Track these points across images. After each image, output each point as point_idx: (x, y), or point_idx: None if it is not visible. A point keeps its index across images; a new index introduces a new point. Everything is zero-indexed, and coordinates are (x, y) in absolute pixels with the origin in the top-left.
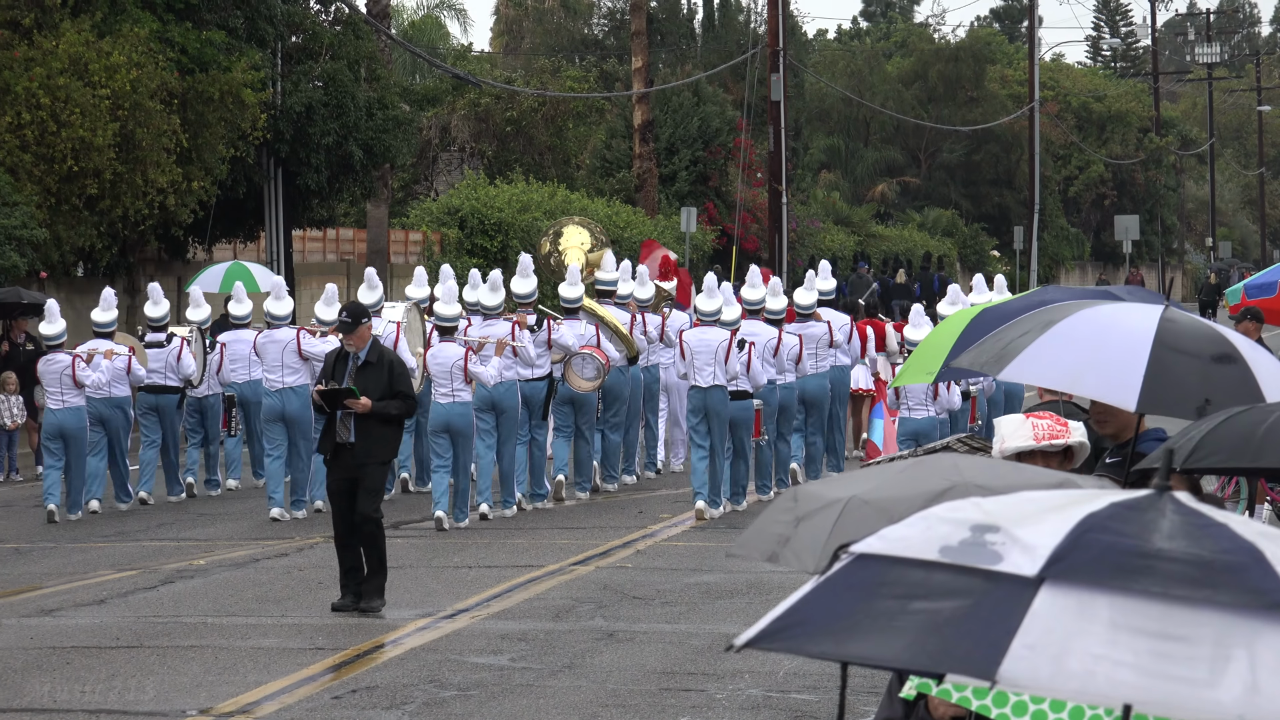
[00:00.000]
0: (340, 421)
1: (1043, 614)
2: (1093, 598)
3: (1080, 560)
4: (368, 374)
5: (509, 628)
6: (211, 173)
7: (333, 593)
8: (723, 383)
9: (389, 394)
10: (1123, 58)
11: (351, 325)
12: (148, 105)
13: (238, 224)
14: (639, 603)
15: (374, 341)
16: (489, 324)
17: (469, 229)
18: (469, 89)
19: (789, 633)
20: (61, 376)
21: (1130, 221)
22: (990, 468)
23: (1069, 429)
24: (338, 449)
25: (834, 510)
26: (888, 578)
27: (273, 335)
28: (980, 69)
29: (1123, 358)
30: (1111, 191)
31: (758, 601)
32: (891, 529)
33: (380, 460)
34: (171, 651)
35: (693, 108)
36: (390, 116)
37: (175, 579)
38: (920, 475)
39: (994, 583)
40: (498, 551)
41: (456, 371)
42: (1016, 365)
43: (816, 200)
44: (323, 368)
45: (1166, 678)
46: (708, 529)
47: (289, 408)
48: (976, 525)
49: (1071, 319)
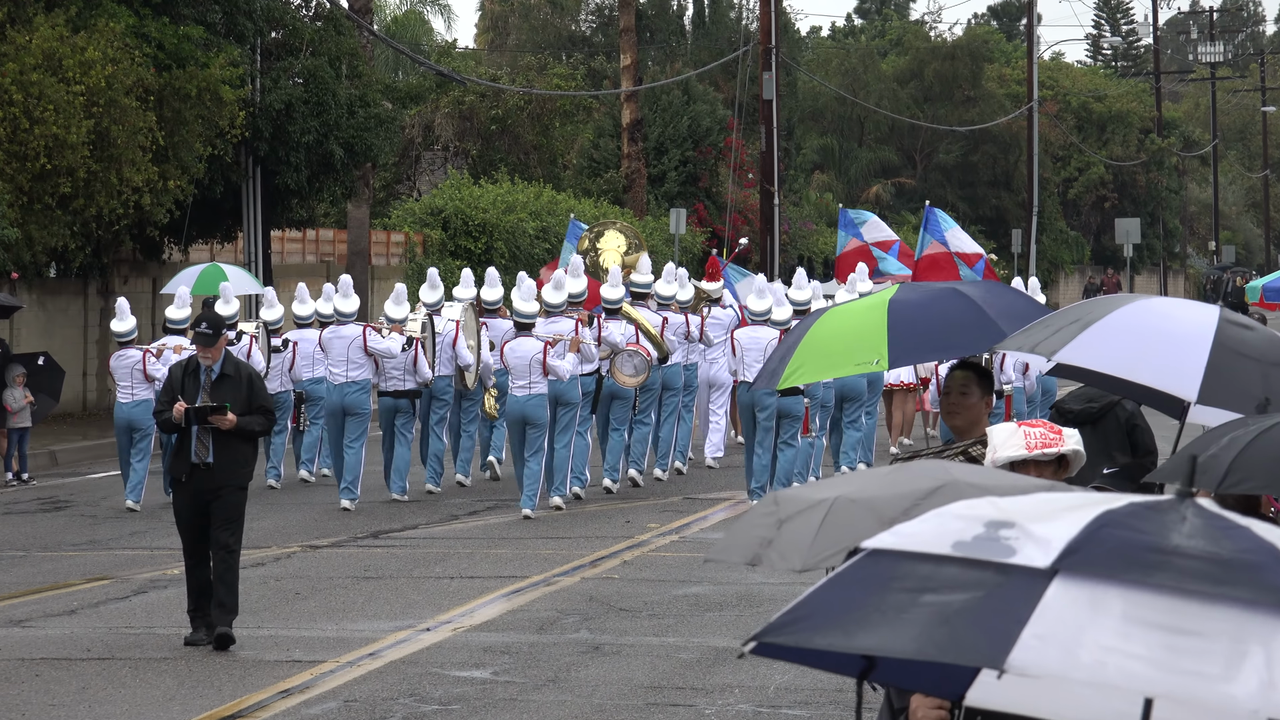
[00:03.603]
0: (198, 439)
1: (1054, 605)
2: (1106, 590)
3: (1095, 553)
4: (224, 388)
5: (492, 640)
6: (188, 171)
7: (311, 603)
8: None
9: (248, 409)
10: (1124, 57)
11: (212, 337)
12: (123, 102)
13: (215, 224)
14: (626, 615)
15: (227, 353)
16: (553, 321)
17: (452, 230)
18: (453, 86)
19: (797, 626)
20: (133, 371)
21: (1131, 225)
22: (980, 471)
23: (1062, 437)
24: (193, 470)
25: (820, 510)
26: (899, 572)
27: (339, 331)
28: (977, 68)
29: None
30: (1112, 194)
31: (748, 614)
32: (904, 525)
33: (239, 483)
34: (144, 664)
35: (682, 106)
36: (372, 114)
37: (148, 589)
38: (907, 476)
39: (1006, 575)
40: (480, 562)
41: (535, 365)
42: (1073, 348)
43: (809, 201)
44: (167, 382)
45: (1179, 671)
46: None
47: (347, 399)
48: (991, 521)
49: (1127, 309)
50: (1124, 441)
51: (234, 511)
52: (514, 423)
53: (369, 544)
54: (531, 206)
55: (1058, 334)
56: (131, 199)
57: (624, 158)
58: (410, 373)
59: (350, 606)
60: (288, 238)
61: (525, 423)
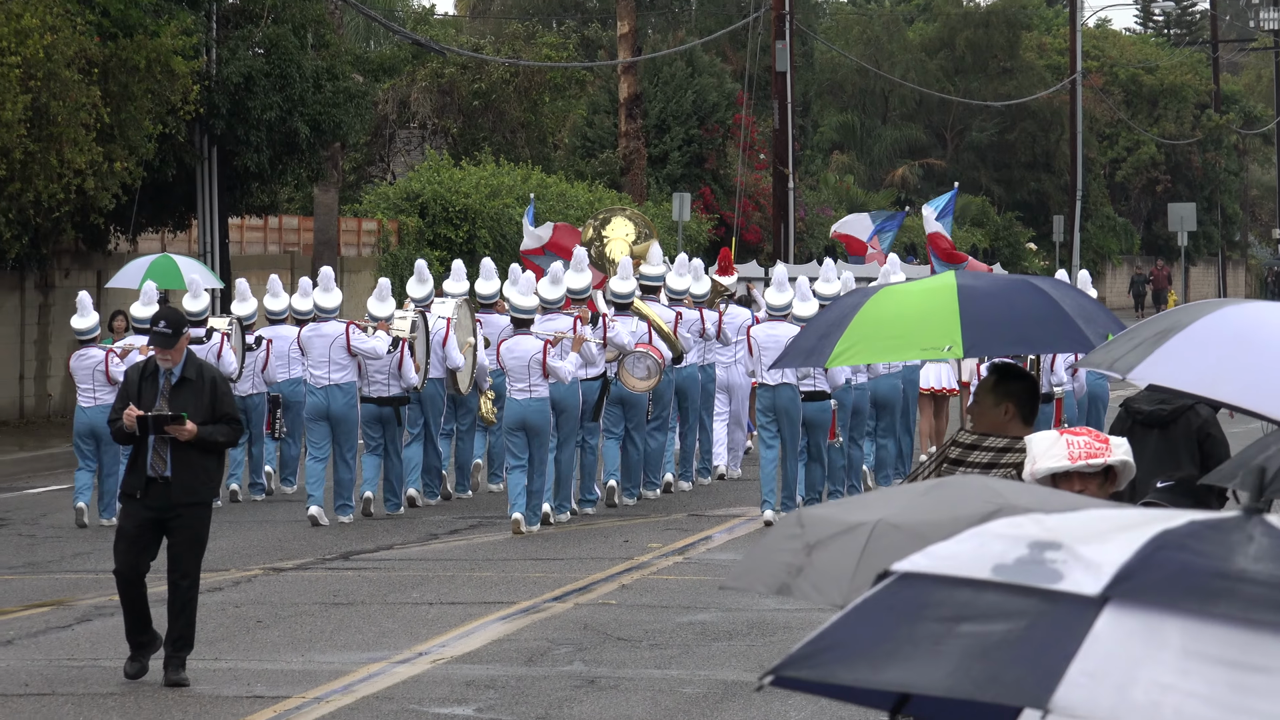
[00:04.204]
0: (154, 451)
1: (1105, 638)
2: (1163, 621)
3: (1150, 579)
4: (185, 393)
5: (475, 673)
6: (136, 152)
7: (275, 632)
8: (792, 381)
9: (212, 417)
10: (1177, 24)
11: (171, 337)
12: (64, 75)
13: (166, 211)
14: (624, 645)
15: (189, 355)
16: (549, 318)
17: (431, 217)
18: (431, 57)
19: (820, 658)
20: (94, 372)
21: (1186, 210)
22: (1034, 493)
23: (1109, 446)
24: (148, 485)
25: (857, 536)
26: (933, 598)
27: (319, 329)
28: (1015, 36)
29: (1271, 363)
30: (1164, 176)
31: (760, 643)
32: (939, 546)
33: (202, 500)
34: (88, 700)
35: (686, 79)
36: (341, 89)
37: (93, 616)
38: (954, 497)
39: (1051, 603)
40: (462, 586)
41: (534, 366)
42: (1149, 365)
43: (828, 185)
44: (122, 386)
45: (1245, 712)
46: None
47: (334, 406)
48: (1036, 542)
49: (1212, 317)
50: (1194, 451)
51: (196, 533)
52: (513, 429)
53: (338, 566)
54: (518, 191)
55: (1137, 348)
56: (73, 183)
57: (621, 136)
58: (394, 377)
59: (318, 636)
60: (247, 226)
61: (526, 429)
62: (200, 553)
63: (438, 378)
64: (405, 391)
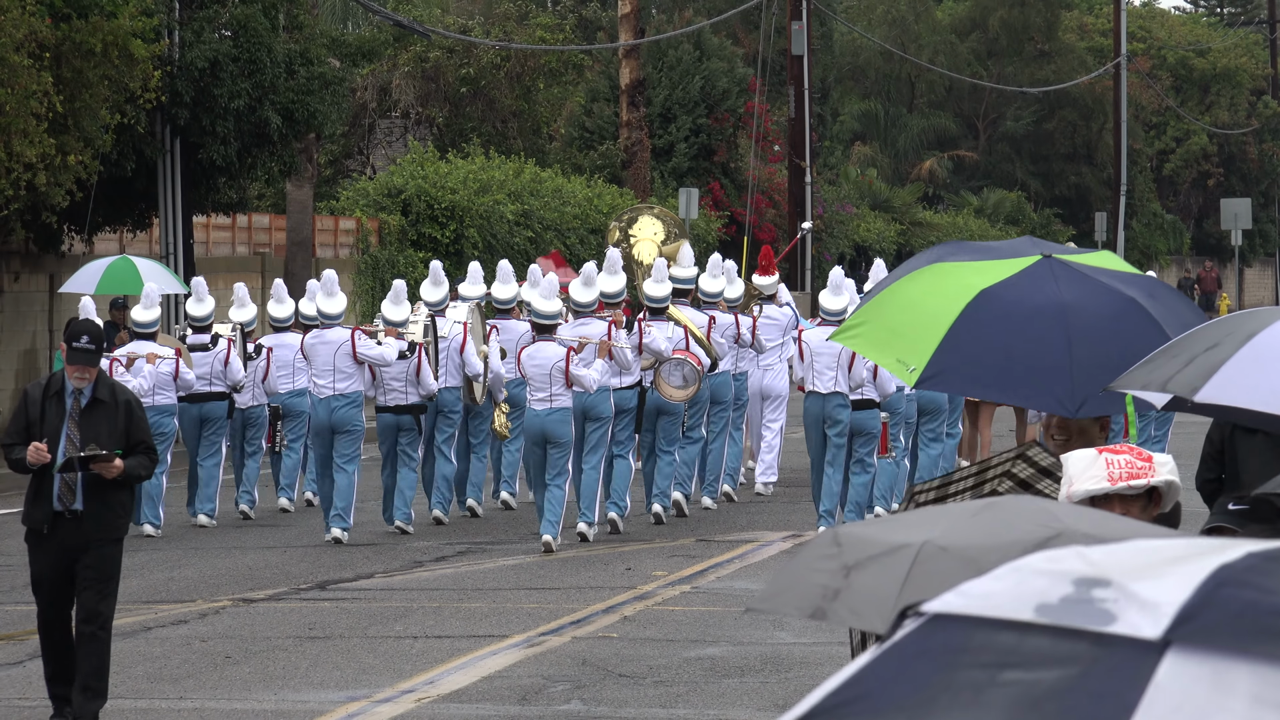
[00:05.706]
0: (63, 483)
1: (1169, 686)
2: (1231, 666)
3: (1215, 620)
4: (97, 417)
5: (464, 713)
6: (92, 144)
7: (245, 669)
8: (844, 389)
9: (126, 444)
10: (1232, 2)
11: (94, 354)
12: (11, 59)
13: (125, 209)
14: (626, 682)
15: (100, 375)
16: (582, 323)
17: (414, 215)
18: (414, 40)
19: (850, 709)
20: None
21: (1240, 206)
22: (1089, 516)
23: (1152, 465)
24: (56, 519)
25: (901, 559)
26: (972, 643)
27: (323, 336)
28: (1053, 16)
29: None
30: (1217, 169)
31: (774, 680)
32: (973, 584)
33: (114, 537)
34: None
35: (694, 64)
36: (316, 74)
37: None
38: (1007, 520)
39: (1106, 648)
40: (449, 618)
41: (557, 374)
42: (1213, 386)
43: (848, 179)
44: (20, 405)
45: None
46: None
47: (335, 415)
48: (1081, 579)
49: (1276, 327)
50: None
51: (106, 571)
52: (533, 441)
53: (314, 597)
54: (510, 186)
55: (1192, 364)
56: (23, 178)
57: (623, 127)
58: (413, 384)
59: (292, 672)
60: (214, 225)
61: (546, 441)
62: (113, 592)
63: (452, 386)
64: (422, 399)
